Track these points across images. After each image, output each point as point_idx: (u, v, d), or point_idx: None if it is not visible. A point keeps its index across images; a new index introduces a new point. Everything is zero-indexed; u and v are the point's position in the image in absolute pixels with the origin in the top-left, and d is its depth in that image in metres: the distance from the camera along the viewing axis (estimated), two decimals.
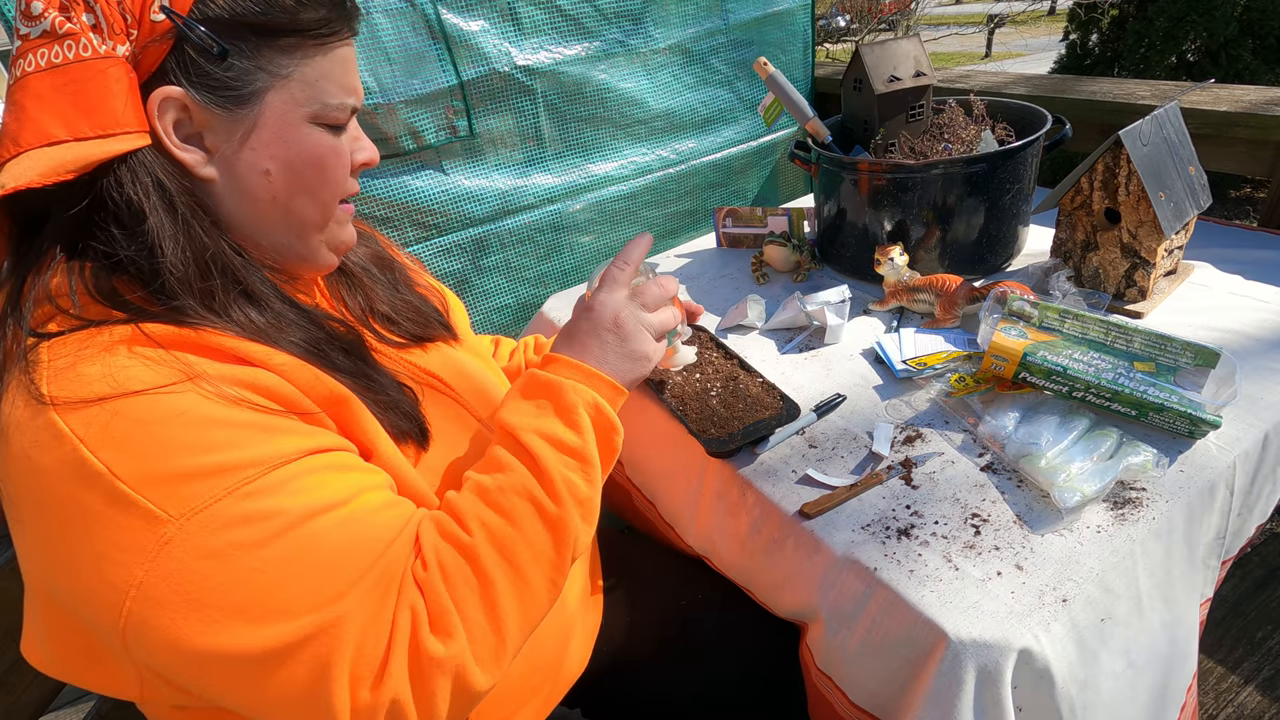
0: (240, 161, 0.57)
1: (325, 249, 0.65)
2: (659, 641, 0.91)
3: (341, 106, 0.60)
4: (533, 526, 0.59)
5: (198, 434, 0.49)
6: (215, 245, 0.56)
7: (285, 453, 0.52)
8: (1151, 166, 0.99)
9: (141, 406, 0.48)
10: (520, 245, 1.55)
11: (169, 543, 0.46)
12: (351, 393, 0.59)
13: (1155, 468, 0.77)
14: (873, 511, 0.80)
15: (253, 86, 0.55)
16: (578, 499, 0.61)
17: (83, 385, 0.48)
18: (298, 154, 0.59)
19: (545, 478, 0.60)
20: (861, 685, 0.75)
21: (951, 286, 1.08)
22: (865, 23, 6.05)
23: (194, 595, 0.47)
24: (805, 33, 1.85)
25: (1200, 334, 0.99)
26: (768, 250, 1.36)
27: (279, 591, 0.49)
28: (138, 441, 0.47)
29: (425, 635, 0.53)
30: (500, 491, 0.60)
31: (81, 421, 0.47)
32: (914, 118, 1.25)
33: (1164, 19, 3.22)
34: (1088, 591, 0.68)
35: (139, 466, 0.47)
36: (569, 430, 0.63)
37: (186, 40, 0.52)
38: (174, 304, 0.53)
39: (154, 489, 0.47)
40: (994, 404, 0.89)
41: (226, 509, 0.48)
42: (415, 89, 1.29)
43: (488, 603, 0.56)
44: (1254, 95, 1.36)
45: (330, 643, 0.49)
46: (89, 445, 0.46)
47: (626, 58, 1.55)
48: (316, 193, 0.61)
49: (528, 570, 0.58)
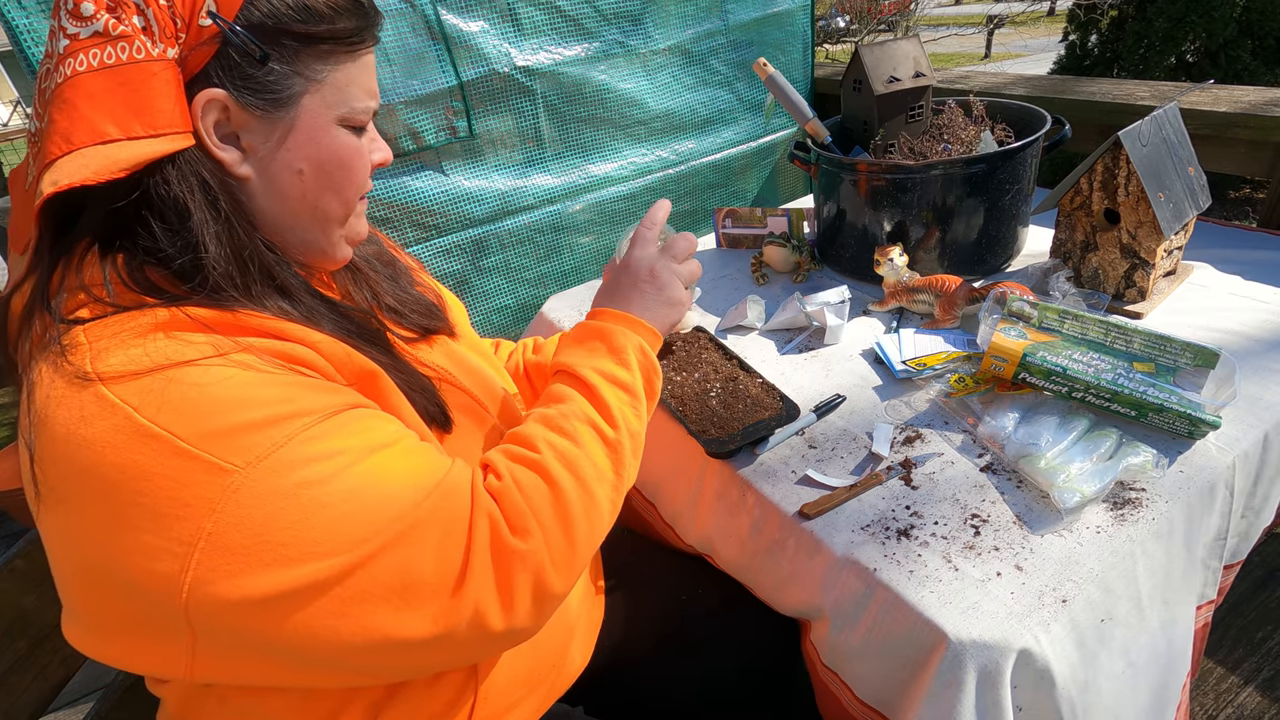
0: (276, 161, 0.59)
1: (344, 243, 0.68)
2: (659, 638, 0.91)
3: (366, 109, 0.63)
4: (595, 447, 0.64)
5: (251, 392, 0.50)
6: (251, 242, 0.58)
7: (334, 405, 0.54)
8: (1151, 167, 0.99)
9: (193, 374, 0.49)
10: (520, 246, 1.55)
11: (237, 490, 0.47)
12: (381, 370, 0.62)
13: (1155, 468, 0.77)
14: (872, 512, 0.80)
15: (290, 90, 0.58)
16: (630, 430, 0.68)
17: (130, 360, 0.49)
18: (328, 154, 0.61)
19: (603, 405, 0.67)
20: (867, 682, 0.75)
21: (951, 287, 1.08)
22: (865, 23, 6.05)
23: (267, 536, 0.48)
24: (805, 33, 1.85)
25: (1200, 334, 0.99)
26: (767, 251, 1.36)
27: (351, 520, 0.50)
28: (194, 403, 0.48)
29: (506, 535, 0.56)
30: (563, 417, 0.65)
31: (134, 391, 0.48)
32: (913, 118, 1.25)
33: (1163, 20, 3.23)
34: (1087, 592, 0.68)
35: (199, 426, 0.48)
36: (621, 368, 0.70)
37: (230, 44, 0.54)
38: (214, 294, 0.55)
39: (216, 443, 0.48)
40: (993, 404, 0.89)
41: (290, 452, 0.50)
42: (415, 89, 1.29)
43: (559, 510, 0.59)
44: (1253, 96, 1.36)
45: (407, 554, 0.51)
46: (144, 413, 0.47)
47: (626, 58, 1.55)
48: (342, 190, 0.64)
49: (593, 485, 0.62)
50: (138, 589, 0.49)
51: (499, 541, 0.55)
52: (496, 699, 0.71)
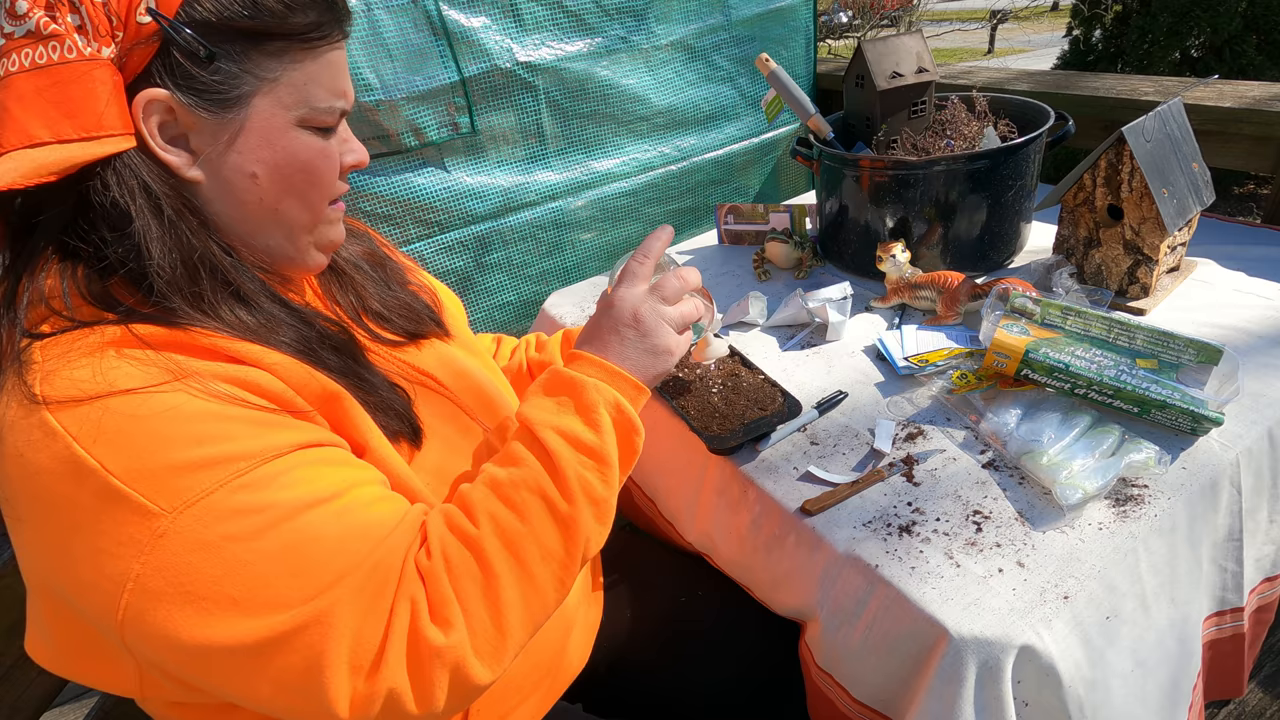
0: (226, 164, 0.57)
1: (314, 250, 0.65)
2: (659, 638, 0.92)
3: (330, 110, 0.60)
4: (543, 523, 0.59)
5: (189, 428, 0.49)
6: (203, 246, 0.56)
7: (277, 446, 0.52)
8: (1154, 163, 0.99)
9: (132, 403, 0.48)
10: (522, 242, 1.55)
11: (163, 536, 0.47)
12: (344, 390, 0.59)
13: (1157, 465, 0.77)
14: (874, 508, 0.80)
15: (239, 90, 0.55)
16: (592, 499, 0.61)
17: (73, 384, 0.48)
18: (285, 158, 0.59)
19: (559, 475, 0.60)
20: (865, 681, 0.75)
21: (953, 283, 1.08)
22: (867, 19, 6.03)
23: (188, 587, 0.47)
24: (807, 29, 1.85)
25: (1203, 331, 0.99)
26: (769, 247, 1.36)
27: (272, 583, 0.49)
28: (129, 437, 0.48)
29: (425, 624, 0.53)
30: (512, 486, 0.60)
31: (74, 419, 0.47)
32: (916, 114, 1.25)
33: (1168, 15, 3.21)
34: (1090, 589, 0.68)
35: (131, 462, 0.47)
36: (588, 429, 0.63)
37: (173, 43, 0.52)
38: (165, 305, 0.53)
39: (147, 483, 0.47)
40: (996, 401, 0.89)
41: (219, 501, 0.48)
42: (417, 86, 1.29)
43: (490, 596, 0.55)
44: (1258, 91, 1.36)
45: (324, 632, 0.50)
46: (81, 442, 0.47)
47: (629, 54, 1.55)
48: (304, 195, 0.61)
49: (534, 567, 0.58)
50: (86, 614, 0.50)
51: (417, 633, 0.52)
52: (492, 707, 0.71)
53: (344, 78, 0.61)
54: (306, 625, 0.49)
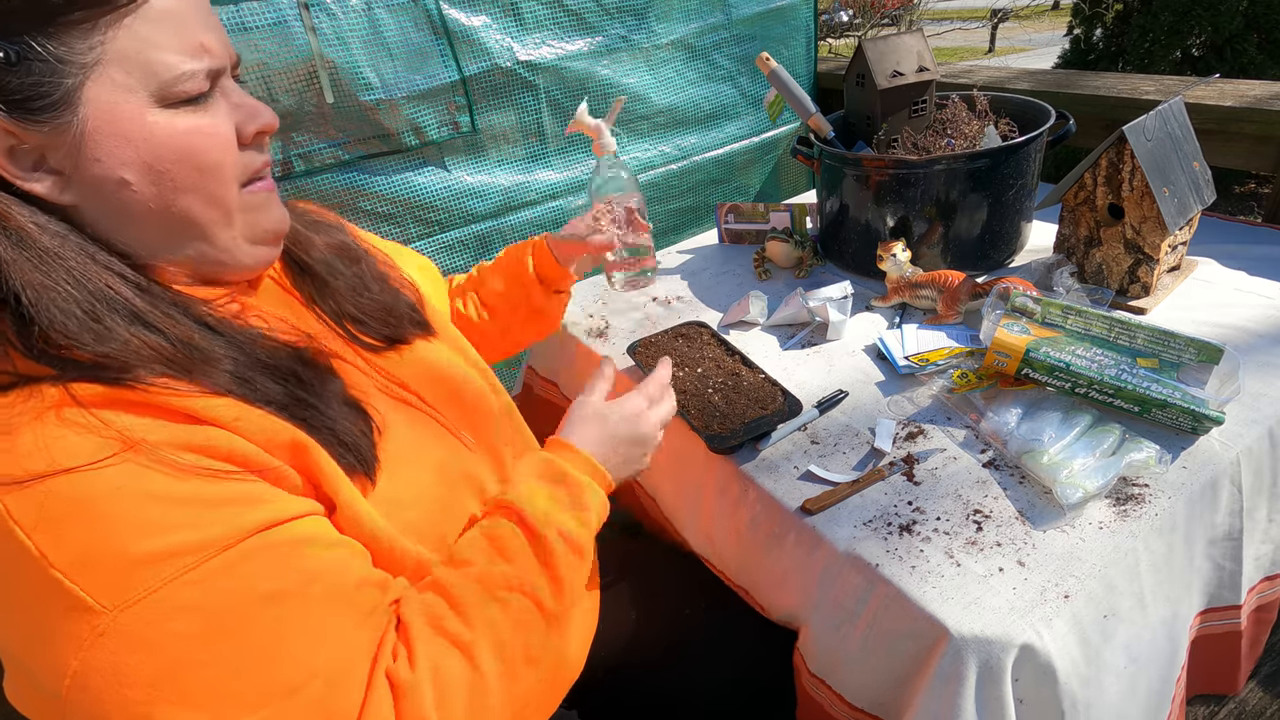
0: (90, 177, 0.48)
1: (245, 244, 0.57)
2: (656, 644, 0.91)
3: (188, 74, 0.50)
4: (537, 628, 0.59)
5: (136, 513, 0.44)
6: (97, 278, 0.48)
7: (236, 530, 0.47)
8: (1155, 162, 0.99)
9: (76, 484, 0.44)
10: None
11: (103, 635, 0.43)
12: (312, 439, 0.54)
13: (1158, 464, 0.77)
14: (874, 507, 0.80)
15: (62, 86, 0.46)
16: (575, 592, 0.62)
17: (15, 461, 0.44)
18: (152, 150, 0.49)
19: (557, 578, 0.60)
20: (861, 685, 0.75)
21: (954, 282, 1.08)
22: (868, 18, 6.02)
23: (128, 690, 0.44)
24: (808, 28, 1.85)
25: (1204, 330, 0.99)
26: (770, 246, 1.36)
27: (218, 688, 0.45)
28: (73, 523, 0.43)
29: None
30: (507, 585, 0.58)
31: (15, 502, 0.43)
32: (917, 113, 1.25)
33: (1169, 14, 3.21)
34: (1090, 588, 0.68)
35: (72, 553, 0.43)
36: (582, 528, 0.63)
37: None
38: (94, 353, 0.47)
39: (88, 577, 0.43)
40: (996, 400, 0.89)
41: (164, 599, 0.44)
42: (418, 85, 1.29)
43: (476, 706, 0.53)
44: (1259, 90, 1.36)
45: None
46: (24, 528, 0.43)
47: (629, 53, 1.55)
48: (198, 187, 0.52)
49: (522, 674, 0.57)
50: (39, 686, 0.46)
51: None
52: None
53: (194, 29, 0.50)
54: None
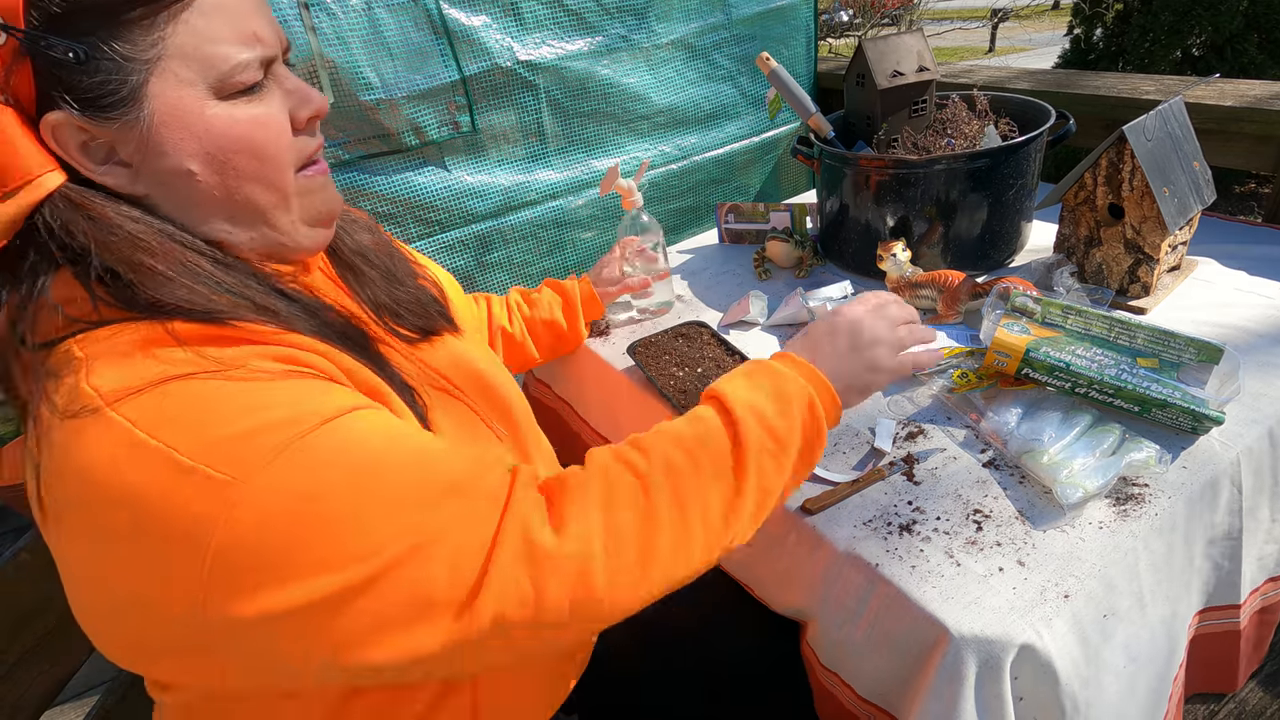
0: (160, 170, 0.52)
1: (303, 226, 0.60)
2: (656, 645, 0.91)
3: (244, 65, 0.52)
4: (713, 485, 0.58)
5: (249, 398, 0.47)
6: (180, 254, 0.52)
7: (342, 405, 0.50)
8: (1155, 162, 0.99)
9: (192, 386, 0.46)
10: (523, 241, 1.55)
11: (237, 505, 0.44)
12: (389, 387, 0.57)
13: (1158, 464, 0.77)
14: (874, 507, 0.80)
15: (128, 83, 0.49)
16: (762, 483, 0.61)
17: (126, 375, 0.46)
18: (214, 142, 0.52)
19: (740, 446, 0.60)
20: (869, 677, 0.75)
21: (954, 282, 1.08)
22: (868, 17, 6.03)
23: (268, 552, 0.45)
24: (808, 27, 1.85)
25: (1204, 330, 0.99)
26: (770, 246, 1.36)
27: (355, 534, 0.47)
28: (191, 414, 0.46)
29: (541, 533, 0.51)
30: (695, 440, 0.60)
31: (132, 409, 0.45)
32: (917, 113, 1.25)
33: (1169, 13, 3.21)
34: (1090, 587, 0.68)
35: (197, 437, 0.45)
36: (779, 415, 0.63)
37: (39, 54, 0.46)
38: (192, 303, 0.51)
39: (214, 454, 0.45)
40: (996, 400, 0.89)
41: (289, 461, 0.46)
42: (418, 84, 1.29)
43: (646, 531, 0.54)
44: (1259, 90, 1.36)
45: (418, 567, 0.47)
46: (143, 428, 0.45)
47: (629, 53, 1.55)
48: (259, 175, 0.55)
49: (693, 524, 0.57)
50: (157, 612, 0.47)
51: (531, 543, 0.50)
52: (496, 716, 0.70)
53: (248, 19, 0.53)
54: (395, 564, 0.47)
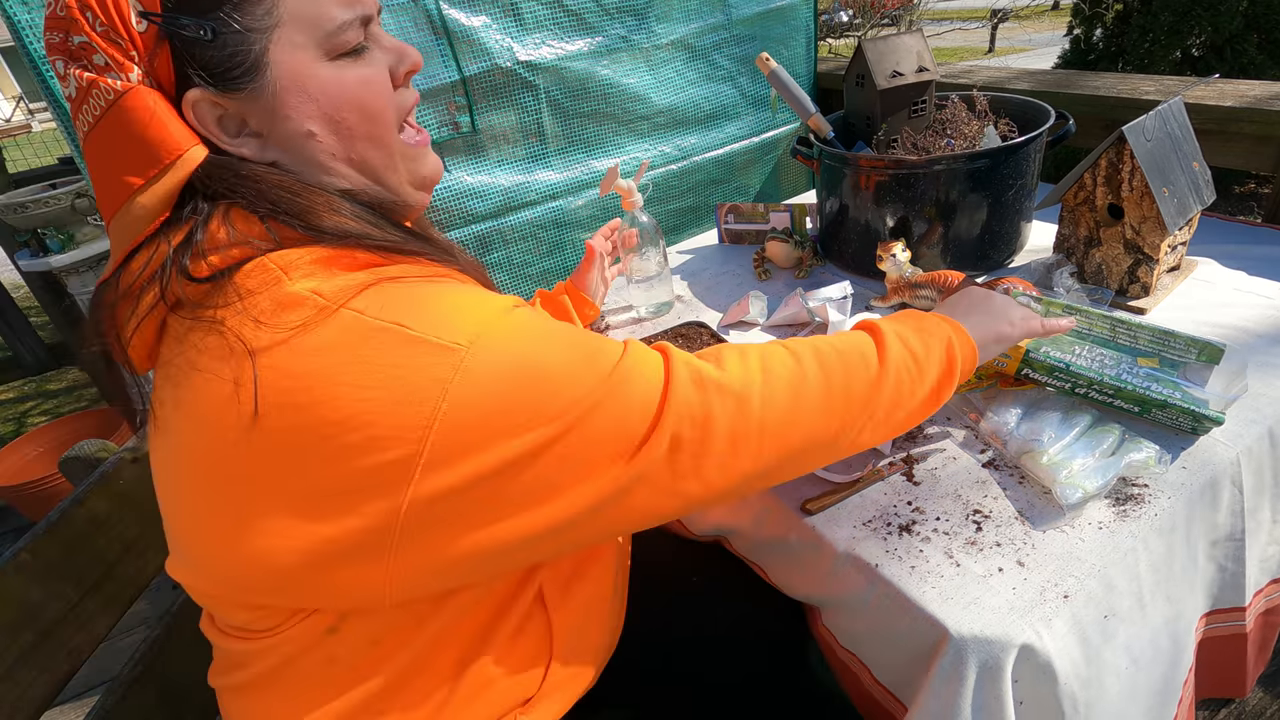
0: (285, 134, 0.55)
1: (409, 187, 0.64)
2: (687, 611, 0.91)
3: (348, 24, 0.55)
4: (856, 375, 0.64)
5: (455, 292, 0.53)
6: (330, 202, 0.56)
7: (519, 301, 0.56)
8: (1155, 162, 0.99)
9: (398, 285, 0.51)
10: (523, 242, 1.55)
11: (465, 368, 0.48)
12: None
13: (1157, 464, 0.77)
14: (874, 507, 0.80)
15: (252, 53, 0.52)
16: (897, 395, 0.66)
17: (339, 278, 0.50)
18: (330, 101, 0.56)
19: (884, 352, 0.66)
20: (882, 665, 0.76)
21: (954, 283, 1.08)
22: (868, 18, 6.02)
23: (494, 409, 0.49)
24: (808, 28, 1.85)
25: (1204, 330, 0.99)
26: (770, 246, 1.36)
27: (569, 384, 0.52)
28: (414, 300, 0.51)
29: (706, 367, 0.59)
30: (843, 341, 0.67)
31: (363, 303, 0.49)
32: (916, 113, 1.25)
33: (1169, 14, 3.21)
34: (1089, 588, 0.68)
35: (420, 316, 0.49)
36: (920, 343, 0.69)
37: (175, 36, 0.50)
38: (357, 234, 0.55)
39: (441, 328, 0.49)
40: (996, 400, 0.89)
41: (506, 327, 0.51)
42: (418, 85, 1.29)
43: (797, 377, 0.61)
44: (1259, 90, 1.35)
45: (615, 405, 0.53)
46: (376, 314, 0.49)
47: (629, 53, 1.55)
48: (370, 134, 0.59)
49: (835, 389, 0.63)
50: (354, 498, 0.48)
51: (698, 370, 0.58)
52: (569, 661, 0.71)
53: None
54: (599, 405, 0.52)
